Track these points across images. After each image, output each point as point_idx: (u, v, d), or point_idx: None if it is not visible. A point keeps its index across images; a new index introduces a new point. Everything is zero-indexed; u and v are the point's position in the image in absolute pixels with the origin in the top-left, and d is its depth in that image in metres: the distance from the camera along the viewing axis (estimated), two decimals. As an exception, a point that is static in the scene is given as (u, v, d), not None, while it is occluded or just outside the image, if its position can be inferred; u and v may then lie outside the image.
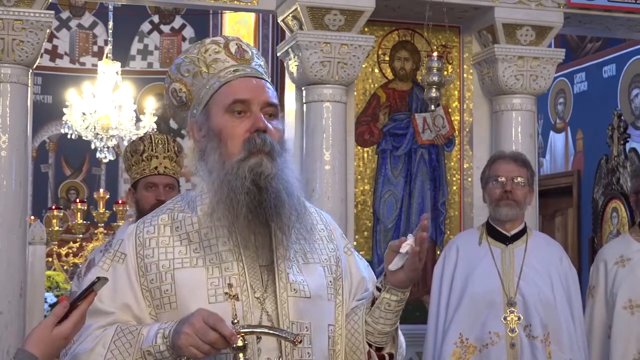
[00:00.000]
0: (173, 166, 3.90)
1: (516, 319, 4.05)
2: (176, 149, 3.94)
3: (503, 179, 4.10)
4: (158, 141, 3.91)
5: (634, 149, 7.50)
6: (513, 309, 4.05)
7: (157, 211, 2.25)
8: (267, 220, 2.10)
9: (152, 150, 3.89)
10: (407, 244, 2.11)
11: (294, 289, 2.14)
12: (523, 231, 4.21)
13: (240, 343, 1.95)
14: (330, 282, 2.23)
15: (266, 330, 2.04)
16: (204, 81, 2.19)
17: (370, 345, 2.22)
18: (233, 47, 2.22)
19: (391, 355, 2.26)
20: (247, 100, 2.14)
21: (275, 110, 2.17)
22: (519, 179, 4.10)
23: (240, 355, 1.96)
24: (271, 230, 2.13)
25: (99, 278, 1.95)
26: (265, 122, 2.13)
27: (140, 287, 2.13)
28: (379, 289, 2.20)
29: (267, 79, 2.22)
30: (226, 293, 2.04)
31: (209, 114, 2.16)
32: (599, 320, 4.51)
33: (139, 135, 4.06)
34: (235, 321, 1.97)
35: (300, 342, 2.02)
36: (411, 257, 2.11)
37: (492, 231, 4.20)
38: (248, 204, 2.07)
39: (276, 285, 2.12)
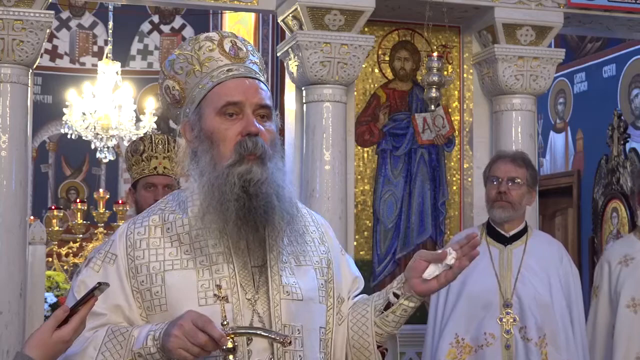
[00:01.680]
0: (172, 166, 3.89)
1: (512, 320, 4.05)
2: (176, 149, 3.93)
3: (499, 179, 4.10)
4: (158, 141, 3.91)
5: (634, 149, 7.50)
6: (509, 310, 4.05)
7: (148, 211, 2.23)
8: (258, 226, 2.09)
9: (152, 150, 3.88)
10: (453, 257, 2.13)
11: (287, 291, 2.13)
12: (523, 231, 4.20)
13: (229, 345, 1.95)
14: (322, 284, 2.23)
15: (255, 332, 2.03)
16: (197, 80, 2.17)
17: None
18: (227, 45, 2.19)
19: (386, 350, 2.28)
20: (239, 102, 2.12)
21: (268, 112, 2.16)
22: (516, 179, 4.09)
23: (230, 357, 1.96)
24: (263, 232, 2.12)
25: (100, 283, 1.95)
26: (257, 125, 2.11)
27: (131, 288, 2.12)
28: (396, 295, 2.20)
29: (261, 77, 2.20)
30: (215, 295, 2.03)
31: (201, 115, 2.15)
32: (602, 320, 4.49)
33: (140, 135, 4.06)
34: (225, 323, 1.96)
35: (290, 343, 2.00)
36: (455, 270, 2.14)
37: (492, 231, 4.20)
38: (238, 210, 2.06)
39: (269, 286, 2.12)
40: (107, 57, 10.96)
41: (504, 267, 4.13)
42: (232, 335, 1.96)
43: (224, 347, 1.94)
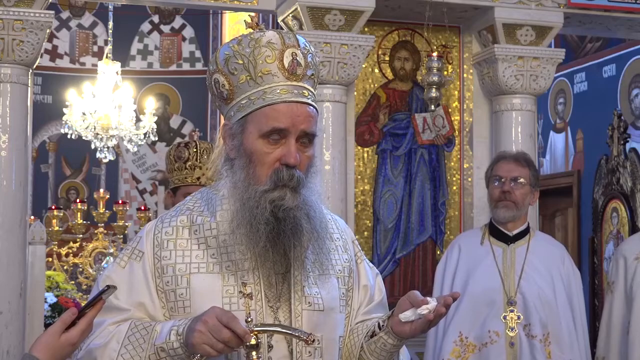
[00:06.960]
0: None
1: (516, 318, 4.05)
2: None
3: (502, 179, 4.11)
4: (203, 150, 3.91)
5: (634, 149, 7.48)
6: (513, 308, 4.06)
7: (176, 210, 2.24)
8: (285, 250, 2.11)
9: (196, 160, 3.89)
10: (427, 308, 2.09)
11: (309, 302, 2.14)
12: (525, 231, 4.21)
13: (253, 341, 1.96)
14: (343, 293, 2.24)
15: (279, 329, 2.05)
16: (249, 89, 2.11)
17: None
18: (287, 59, 2.12)
19: None
20: (285, 129, 2.10)
21: (311, 138, 2.15)
22: (520, 179, 4.10)
23: (253, 353, 1.97)
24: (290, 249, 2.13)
25: (108, 286, 1.98)
26: (297, 156, 2.10)
27: (155, 287, 2.14)
28: (379, 326, 2.20)
29: (311, 100, 2.16)
30: (240, 292, 2.04)
31: (245, 129, 2.12)
32: (618, 315, 4.41)
33: (186, 140, 4.09)
34: (249, 320, 1.98)
35: (313, 341, 2.02)
36: (423, 322, 2.10)
37: (494, 231, 4.20)
38: (267, 234, 2.07)
39: (291, 297, 2.13)
40: (107, 57, 10.95)
41: (507, 265, 4.13)
42: (256, 332, 1.97)
43: (248, 344, 1.96)
